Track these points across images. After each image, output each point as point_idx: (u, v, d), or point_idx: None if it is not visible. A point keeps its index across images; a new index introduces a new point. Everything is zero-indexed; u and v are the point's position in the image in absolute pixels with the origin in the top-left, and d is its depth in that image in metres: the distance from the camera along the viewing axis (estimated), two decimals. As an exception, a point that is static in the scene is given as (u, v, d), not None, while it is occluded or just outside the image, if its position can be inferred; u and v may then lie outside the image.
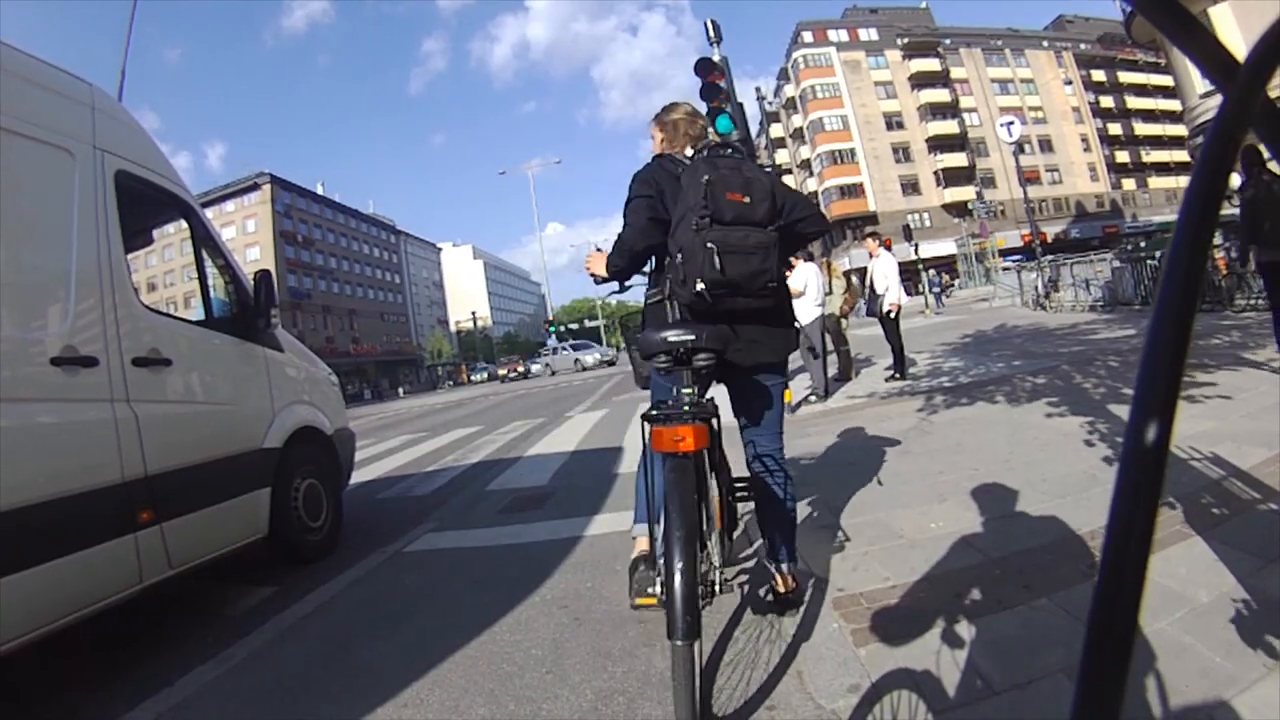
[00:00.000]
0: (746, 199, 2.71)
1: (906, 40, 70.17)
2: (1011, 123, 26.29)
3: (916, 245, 38.05)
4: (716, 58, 8.06)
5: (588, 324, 79.21)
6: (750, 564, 3.78)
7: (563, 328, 51.79)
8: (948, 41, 71.27)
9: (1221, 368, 6.81)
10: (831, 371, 10.10)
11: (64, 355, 3.36)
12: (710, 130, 3.27)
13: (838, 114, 68.38)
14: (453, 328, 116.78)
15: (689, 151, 3.11)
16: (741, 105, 8.13)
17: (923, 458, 5.37)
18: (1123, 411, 5.27)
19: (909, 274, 48.48)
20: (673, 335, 2.54)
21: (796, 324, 3.18)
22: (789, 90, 73.97)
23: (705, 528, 2.53)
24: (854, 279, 12.30)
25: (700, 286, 2.62)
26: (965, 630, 2.62)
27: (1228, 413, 5.11)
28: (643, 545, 2.94)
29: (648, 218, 2.89)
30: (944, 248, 54.81)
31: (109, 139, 4.01)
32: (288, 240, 75.52)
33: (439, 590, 4.20)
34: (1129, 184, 72.75)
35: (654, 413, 2.55)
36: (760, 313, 2.82)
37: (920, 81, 69.80)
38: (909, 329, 17.39)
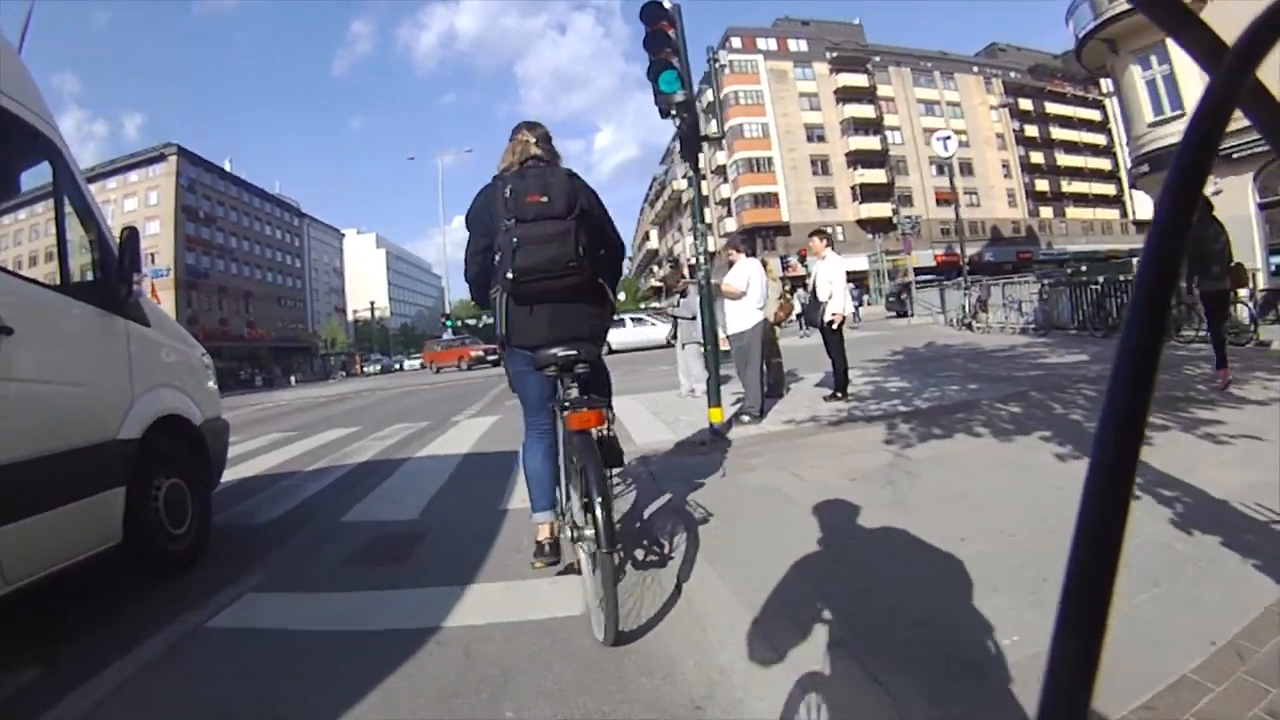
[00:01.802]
0: (545, 198, 3.52)
1: (836, 54, 71.37)
2: (948, 137, 26.79)
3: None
4: (668, 3, 6.88)
5: (486, 319, 78.62)
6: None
7: (460, 322, 50.70)
8: (877, 59, 72.82)
9: (1219, 403, 6.60)
10: None
11: None
12: (531, 143, 3.88)
13: (759, 121, 69.00)
14: (350, 317, 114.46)
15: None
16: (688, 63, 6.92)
17: (925, 514, 4.22)
18: (1148, 455, 4.59)
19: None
20: (560, 351, 3.46)
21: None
22: (709, 94, 74.17)
23: (607, 485, 3.14)
24: (786, 285, 12.16)
25: (509, 275, 3.46)
26: None
27: (1265, 457, 4.62)
28: (544, 533, 3.91)
29: (480, 257, 3.77)
30: (857, 263, 55.37)
31: None
32: (190, 216, 72.59)
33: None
34: (1046, 212, 75.59)
35: (566, 403, 3.43)
36: (572, 290, 3.59)
37: (846, 96, 70.97)
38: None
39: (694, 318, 10.03)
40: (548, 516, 3.81)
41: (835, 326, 8.94)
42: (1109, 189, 76.27)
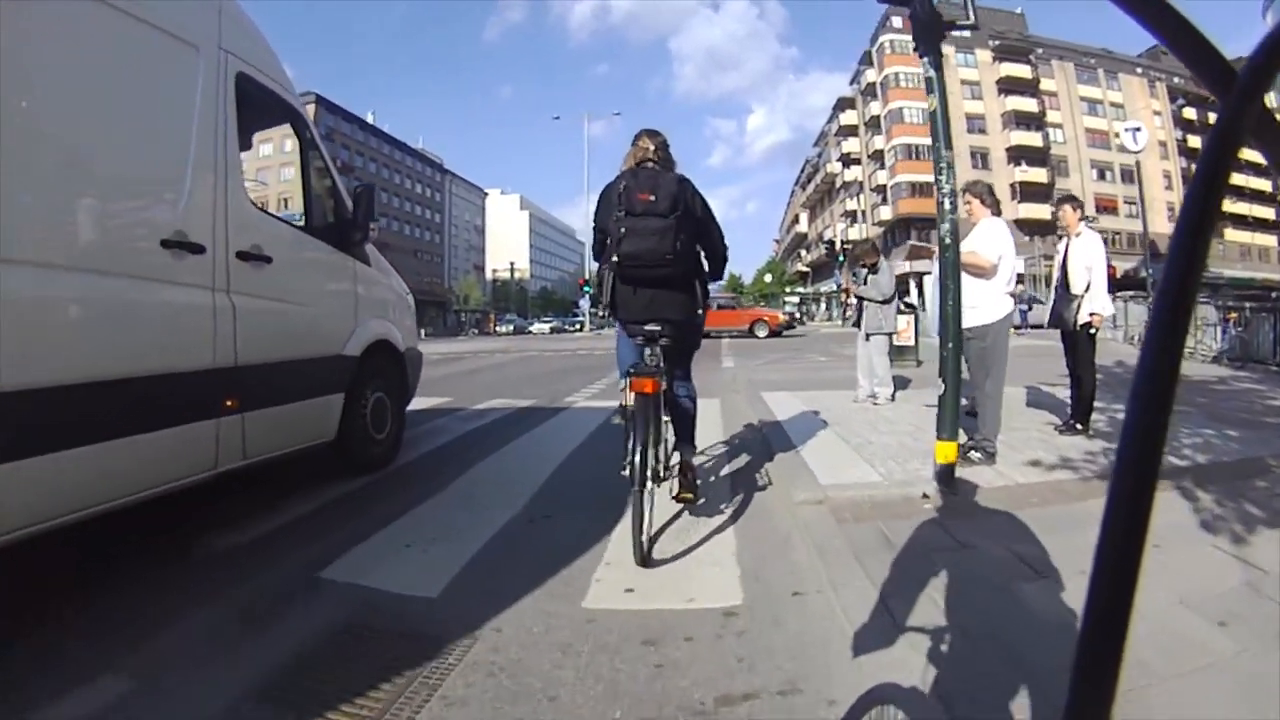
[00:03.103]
0: (652, 197, 4.02)
1: (999, 42, 69.03)
2: (1138, 129, 24.58)
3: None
4: None
5: None
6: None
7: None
8: (1040, 51, 69.82)
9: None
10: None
11: (174, 239, 3.65)
12: (649, 149, 4.37)
13: (919, 106, 65.55)
14: (489, 276, 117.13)
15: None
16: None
17: None
18: None
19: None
20: (648, 325, 4.11)
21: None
22: (870, 75, 72.75)
23: (653, 435, 3.96)
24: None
25: (615, 258, 4.06)
26: None
27: None
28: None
29: (600, 241, 4.29)
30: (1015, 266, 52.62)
31: (232, 41, 4.30)
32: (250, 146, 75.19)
33: None
34: None
35: (631, 370, 4.00)
36: (665, 279, 4.14)
37: (1008, 87, 68.56)
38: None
39: (886, 301, 8.78)
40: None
41: (1093, 330, 6.59)
42: (1269, 213, 71.34)
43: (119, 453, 3.31)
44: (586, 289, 49.53)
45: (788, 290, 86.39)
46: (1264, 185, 67.73)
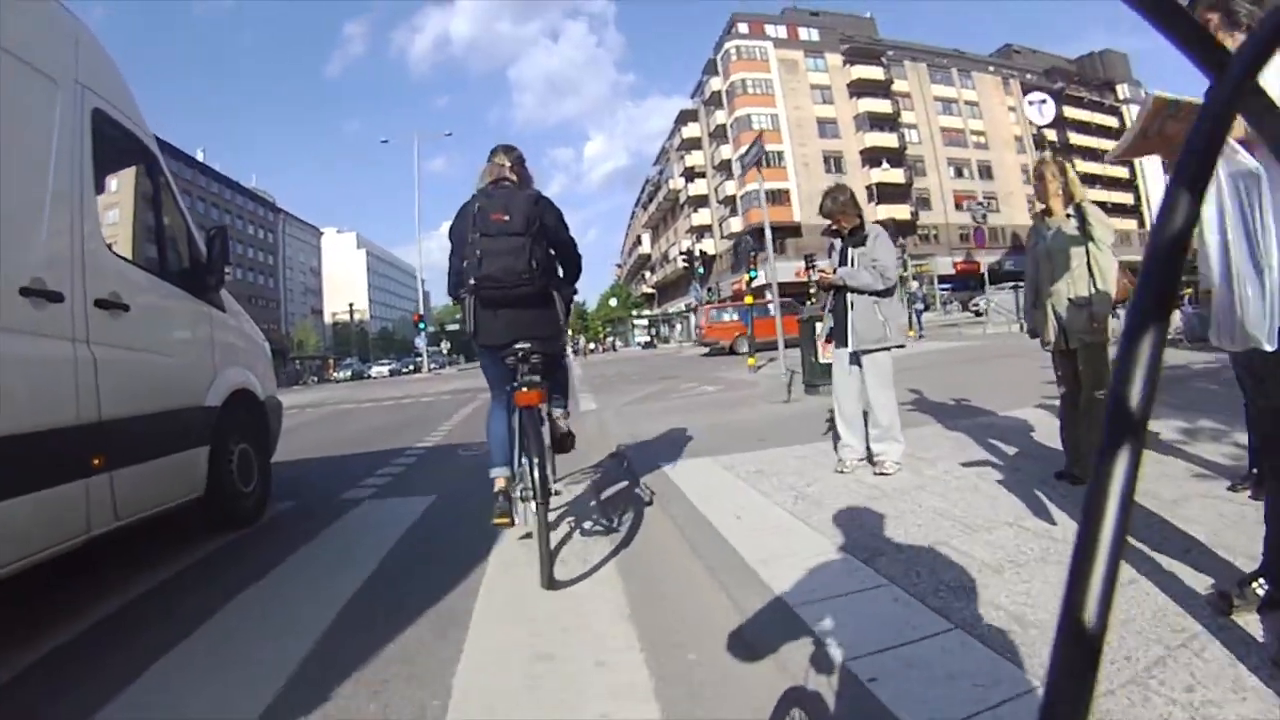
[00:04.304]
0: (506, 216, 4.32)
1: (849, 45, 71.76)
2: (1044, 101, 25.61)
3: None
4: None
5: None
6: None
7: (435, 327, 51.04)
8: (891, 53, 73.41)
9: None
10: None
11: (32, 286, 3.62)
12: (505, 166, 4.71)
13: (768, 112, 68.21)
14: (328, 319, 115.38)
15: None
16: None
17: None
18: None
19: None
20: (518, 344, 4.38)
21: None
22: (715, 84, 73.77)
23: (545, 450, 4.31)
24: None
25: (473, 281, 4.33)
26: None
27: None
28: (500, 484, 4.57)
29: (457, 264, 4.54)
30: None
31: (89, 75, 4.34)
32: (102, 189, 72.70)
33: None
34: None
35: (512, 386, 4.39)
36: (523, 298, 4.40)
37: (861, 89, 71.23)
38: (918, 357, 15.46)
39: (887, 291, 5.74)
40: (503, 471, 4.58)
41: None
42: (1127, 198, 76.10)
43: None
44: (422, 325, 48.55)
45: (635, 314, 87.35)
46: (1122, 173, 72.01)
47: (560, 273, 4.79)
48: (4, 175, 3.63)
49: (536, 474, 4.01)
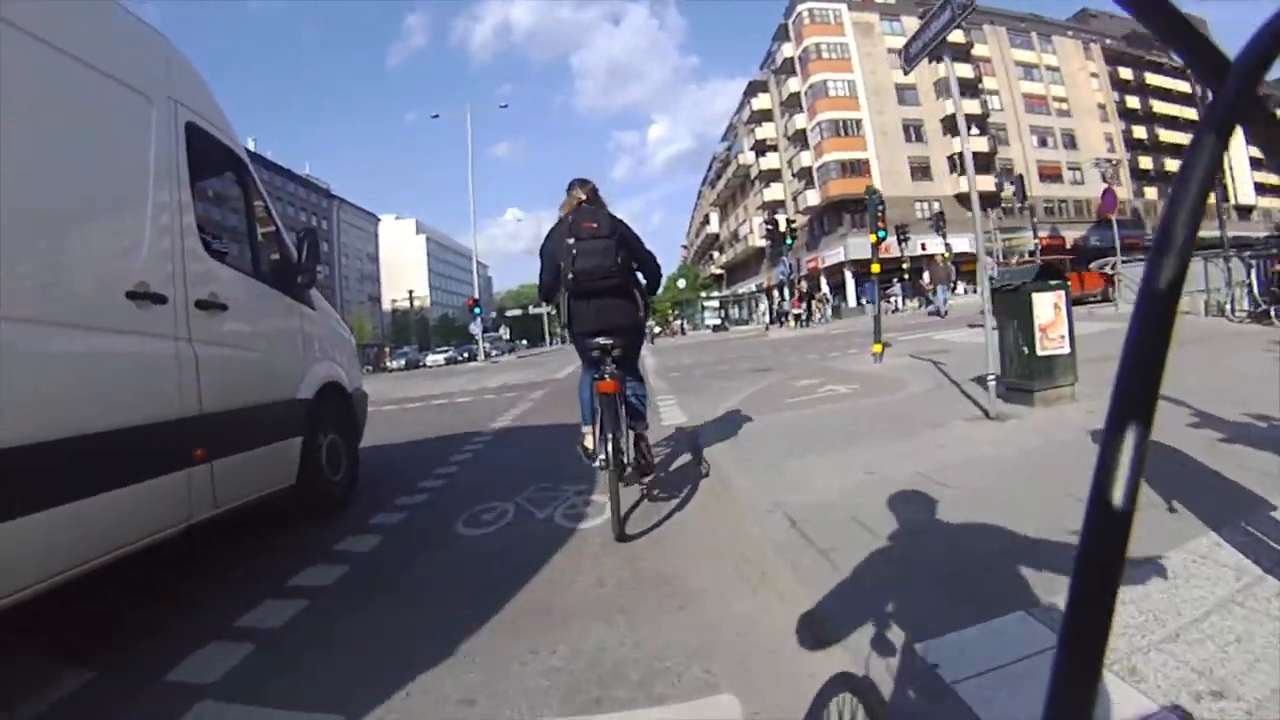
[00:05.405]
0: (595, 224, 5.42)
1: (925, 7, 68.89)
2: None
3: (947, 239, 38.88)
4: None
5: (532, 310, 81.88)
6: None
7: (496, 313, 50.18)
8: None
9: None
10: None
11: (138, 290, 4.02)
12: (582, 197, 5.73)
13: (844, 78, 65.85)
14: (387, 306, 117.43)
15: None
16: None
17: None
18: None
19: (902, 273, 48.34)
20: (599, 339, 5.31)
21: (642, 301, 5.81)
22: (786, 50, 71.60)
23: (620, 427, 5.21)
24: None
25: (570, 275, 5.37)
26: None
27: None
28: (588, 440, 5.72)
29: (549, 277, 5.72)
30: (959, 243, 50.34)
31: (181, 91, 4.78)
32: (198, 195, 74.06)
33: None
34: (1151, 192, 72.49)
35: (595, 375, 5.36)
36: (612, 289, 5.51)
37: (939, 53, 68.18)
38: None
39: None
40: (589, 429, 5.74)
41: None
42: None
43: (99, 508, 3.58)
44: (477, 310, 48.29)
45: (704, 295, 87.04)
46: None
47: (640, 279, 5.88)
48: (108, 188, 4.07)
49: (611, 448, 5.01)
